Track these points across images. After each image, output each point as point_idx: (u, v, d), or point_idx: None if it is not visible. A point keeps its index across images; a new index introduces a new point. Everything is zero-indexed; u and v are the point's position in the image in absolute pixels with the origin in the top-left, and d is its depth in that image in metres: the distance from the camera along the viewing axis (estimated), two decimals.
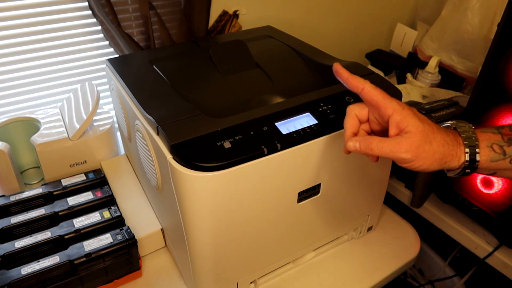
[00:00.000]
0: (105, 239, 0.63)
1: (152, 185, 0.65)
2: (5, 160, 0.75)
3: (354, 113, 0.50)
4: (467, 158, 0.45)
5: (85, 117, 0.79)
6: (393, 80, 1.16)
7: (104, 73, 0.94)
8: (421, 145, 0.44)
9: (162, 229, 0.72)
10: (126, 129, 0.74)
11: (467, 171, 0.46)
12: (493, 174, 0.48)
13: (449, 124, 0.48)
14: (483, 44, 1.03)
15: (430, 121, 0.46)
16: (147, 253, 0.72)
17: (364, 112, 0.50)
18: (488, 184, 0.74)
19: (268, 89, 0.67)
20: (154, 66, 0.71)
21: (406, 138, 0.44)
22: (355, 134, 0.50)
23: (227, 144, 0.50)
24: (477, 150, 0.45)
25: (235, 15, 0.99)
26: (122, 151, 0.91)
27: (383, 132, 0.50)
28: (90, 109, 0.79)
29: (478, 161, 0.45)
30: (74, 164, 0.82)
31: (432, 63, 1.04)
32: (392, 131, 0.46)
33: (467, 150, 0.45)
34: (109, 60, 0.76)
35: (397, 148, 0.44)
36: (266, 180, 0.53)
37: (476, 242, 0.76)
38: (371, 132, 0.51)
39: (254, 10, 1.03)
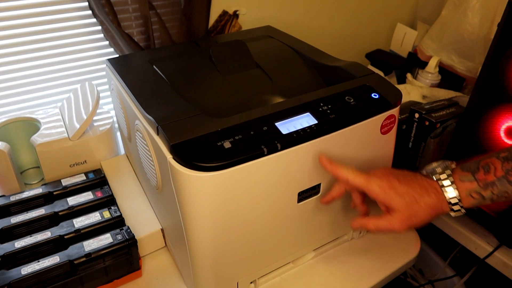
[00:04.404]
0: (105, 239, 0.63)
1: (152, 185, 0.65)
2: (5, 160, 0.75)
3: (343, 186, 0.59)
4: (452, 207, 0.51)
5: (85, 117, 0.79)
6: (393, 80, 1.16)
7: (104, 73, 0.94)
8: (409, 217, 0.52)
9: (162, 229, 0.72)
10: (126, 129, 0.74)
11: (455, 214, 0.52)
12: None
13: (431, 171, 0.54)
14: (483, 44, 1.03)
15: (411, 190, 0.52)
16: (147, 253, 0.72)
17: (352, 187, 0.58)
18: None
19: (268, 89, 0.67)
20: (154, 66, 0.71)
21: (394, 216, 0.52)
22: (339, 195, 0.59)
23: (227, 144, 0.50)
24: (458, 199, 0.51)
25: (235, 15, 0.99)
26: (122, 151, 0.91)
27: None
28: (90, 109, 0.79)
29: (462, 206, 0.51)
30: (74, 164, 0.82)
31: (432, 63, 1.04)
32: (382, 207, 0.55)
33: (450, 200, 0.51)
34: (109, 60, 0.76)
35: (390, 225, 0.52)
36: (266, 180, 0.53)
37: (476, 242, 0.76)
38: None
39: (254, 10, 1.03)
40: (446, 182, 0.51)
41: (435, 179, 0.53)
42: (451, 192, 0.51)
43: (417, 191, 0.52)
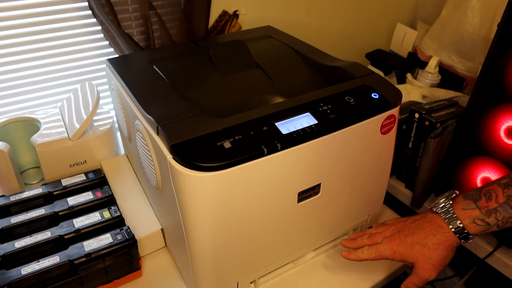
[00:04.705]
0: (105, 239, 0.63)
1: (152, 185, 0.65)
2: (5, 160, 0.75)
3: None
4: (460, 236, 0.53)
5: (85, 117, 0.79)
6: (393, 80, 1.16)
7: (104, 73, 0.94)
8: (428, 262, 0.54)
9: (162, 229, 0.72)
10: (126, 129, 0.74)
11: (468, 241, 0.54)
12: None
13: (434, 208, 0.56)
14: (483, 44, 1.03)
15: (416, 238, 0.55)
16: (147, 253, 0.72)
17: None
18: None
19: (268, 89, 0.67)
20: (154, 66, 0.71)
21: (418, 268, 0.55)
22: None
23: (227, 144, 0.50)
24: (463, 227, 0.53)
25: (235, 15, 0.99)
26: (122, 151, 0.91)
27: None
28: (90, 109, 0.79)
29: (469, 233, 0.53)
30: (74, 164, 0.82)
31: (432, 63, 1.04)
32: (408, 263, 0.58)
33: (456, 231, 0.53)
34: (109, 60, 0.76)
35: (422, 277, 0.55)
36: (266, 180, 0.53)
37: (476, 242, 0.76)
38: None
39: (254, 10, 1.03)
40: (447, 214, 0.54)
41: (438, 212, 0.55)
42: (453, 222, 0.53)
43: (421, 236, 0.55)
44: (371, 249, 0.59)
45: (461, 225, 0.52)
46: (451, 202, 0.54)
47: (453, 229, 0.53)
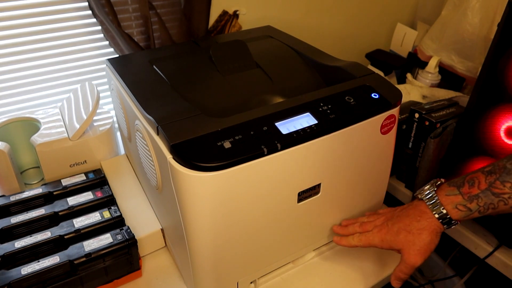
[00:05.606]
0: (105, 239, 0.63)
1: (152, 185, 0.65)
2: (5, 160, 0.75)
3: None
4: (442, 221, 0.55)
5: (85, 117, 0.79)
6: (393, 80, 1.16)
7: (104, 73, 0.94)
8: (413, 248, 0.56)
9: (162, 229, 0.72)
10: (126, 129, 0.74)
11: (451, 226, 0.55)
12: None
13: (418, 195, 0.58)
14: (483, 44, 1.03)
15: (401, 225, 0.57)
16: (147, 253, 0.72)
17: None
18: None
19: (268, 89, 0.67)
20: (154, 66, 0.71)
21: (405, 254, 0.56)
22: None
23: (227, 144, 0.50)
24: (445, 212, 0.54)
25: (235, 15, 0.99)
26: (122, 151, 0.91)
27: None
28: (90, 109, 0.79)
29: (451, 219, 0.54)
30: (74, 164, 0.82)
31: (432, 63, 1.04)
32: (395, 251, 0.59)
33: (438, 216, 0.55)
34: (109, 60, 0.76)
35: (409, 263, 0.56)
36: (266, 180, 0.53)
37: (476, 242, 0.76)
38: None
39: (254, 10, 1.03)
40: (431, 200, 0.56)
41: (422, 199, 0.57)
42: (436, 208, 0.55)
43: (406, 223, 0.57)
44: (361, 236, 0.61)
45: (444, 211, 0.54)
46: (435, 189, 0.56)
47: (436, 215, 0.55)
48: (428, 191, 0.57)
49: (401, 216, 0.58)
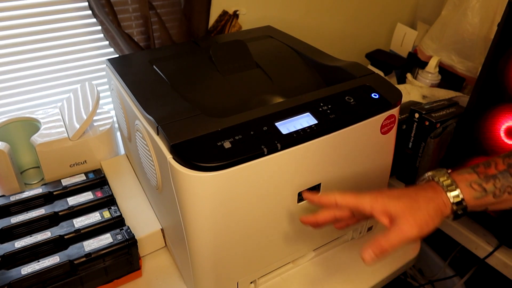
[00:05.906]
0: (105, 239, 0.63)
1: (152, 185, 0.65)
2: (5, 160, 0.75)
3: (332, 212, 0.54)
4: (453, 200, 0.48)
5: (85, 117, 0.79)
6: (393, 80, 1.16)
7: (104, 73, 0.94)
8: (414, 217, 0.47)
9: (162, 229, 0.72)
10: (126, 129, 0.74)
11: (459, 212, 0.48)
12: (485, 210, 0.51)
13: (426, 177, 0.52)
14: (483, 44, 1.03)
15: (405, 191, 0.50)
16: (147, 253, 0.72)
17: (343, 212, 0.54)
18: None
19: (268, 89, 0.67)
20: (154, 66, 0.71)
21: (400, 222, 0.47)
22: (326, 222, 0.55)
23: (227, 144, 0.50)
24: (458, 190, 0.48)
25: (235, 15, 0.99)
26: (122, 151, 0.91)
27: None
28: (90, 109, 0.79)
29: (463, 199, 0.48)
30: (74, 164, 0.82)
31: (432, 63, 1.04)
32: (384, 221, 0.49)
33: (449, 194, 0.48)
34: (109, 60, 0.76)
35: (401, 232, 0.47)
36: (266, 180, 0.53)
37: (476, 242, 0.76)
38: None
39: (254, 10, 1.03)
40: (442, 178, 0.49)
41: (433, 179, 0.51)
42: (448, 185, 0.48)
43: (411, 191, 0.50)
44: (346, 193, 0.52)
45: (456, 190, 0.48)
46: (449, 172, 0.50)
47: (447, 193, 0.48)
48: (439, 170, 0.50)
49: (406, 189, 0.51)
